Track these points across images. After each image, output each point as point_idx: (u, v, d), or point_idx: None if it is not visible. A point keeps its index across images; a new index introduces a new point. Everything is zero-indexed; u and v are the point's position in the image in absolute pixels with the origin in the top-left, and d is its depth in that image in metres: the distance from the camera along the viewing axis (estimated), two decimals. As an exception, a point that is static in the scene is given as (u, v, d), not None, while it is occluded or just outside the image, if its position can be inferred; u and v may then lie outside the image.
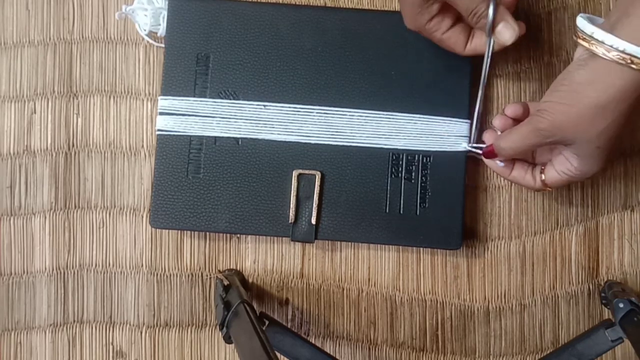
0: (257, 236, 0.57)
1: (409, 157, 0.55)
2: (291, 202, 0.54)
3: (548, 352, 0.56)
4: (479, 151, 0.53)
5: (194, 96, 0.55)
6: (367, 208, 0.54)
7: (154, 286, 0.58)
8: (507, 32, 0.47)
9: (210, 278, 0.58)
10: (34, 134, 0.58)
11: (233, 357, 0.58)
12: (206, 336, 0.58)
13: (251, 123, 0.55)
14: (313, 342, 0.54)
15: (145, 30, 0.57)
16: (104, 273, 0.58)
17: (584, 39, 0.43)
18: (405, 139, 0.55)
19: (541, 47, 0.58)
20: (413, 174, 0.54)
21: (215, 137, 0.55)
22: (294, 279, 0.58)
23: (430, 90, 0.55)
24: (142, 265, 0.58)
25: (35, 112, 0.58)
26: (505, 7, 0.47)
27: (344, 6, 0.58)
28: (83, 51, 0.59)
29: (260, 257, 0.58)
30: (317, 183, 0.54)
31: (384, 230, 0.54)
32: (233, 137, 0.55)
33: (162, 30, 0.56)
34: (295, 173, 0.54)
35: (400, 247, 0.57)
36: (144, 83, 0.58)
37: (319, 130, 0.55)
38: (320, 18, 0.55)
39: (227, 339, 0.48)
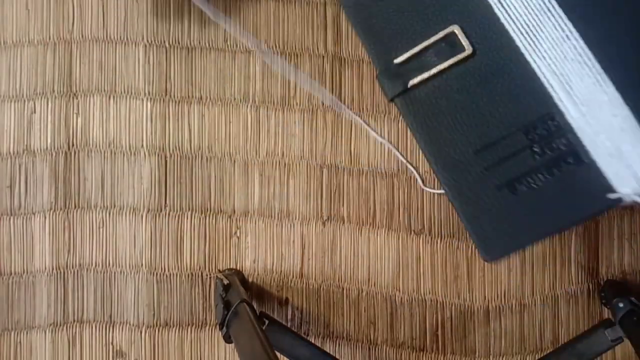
0: (257, 236, 0.57)
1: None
2: None
3: (548, 351, 0.56)
4: None
5: None
6: None
7: (154, 286, 0.58)
8: None
9: (210, 278, 0.58)
10: (34, 133, 0.58)
11: (233, 356, 0.58)
12: (206, 336, 0.58)
13: None
14: (313, 341, 0.54)
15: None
16: (103, 273, 0.58)
17: None
18: None
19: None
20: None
21: None
22: (293, 278, 0.58)
23: None
24: (142, 265, 0.58)
25: (35, 112, 0.58)
26: None
27: None
28: (83, 51, 0.59)
29: (260, 256, 0.58)
30: None
31: None
32: None
33: None
34: None
35: (400, 246, 0.57)
36: (144, 83, 0.58)
37: None
38: None
39: (227, 339, 0.48)
